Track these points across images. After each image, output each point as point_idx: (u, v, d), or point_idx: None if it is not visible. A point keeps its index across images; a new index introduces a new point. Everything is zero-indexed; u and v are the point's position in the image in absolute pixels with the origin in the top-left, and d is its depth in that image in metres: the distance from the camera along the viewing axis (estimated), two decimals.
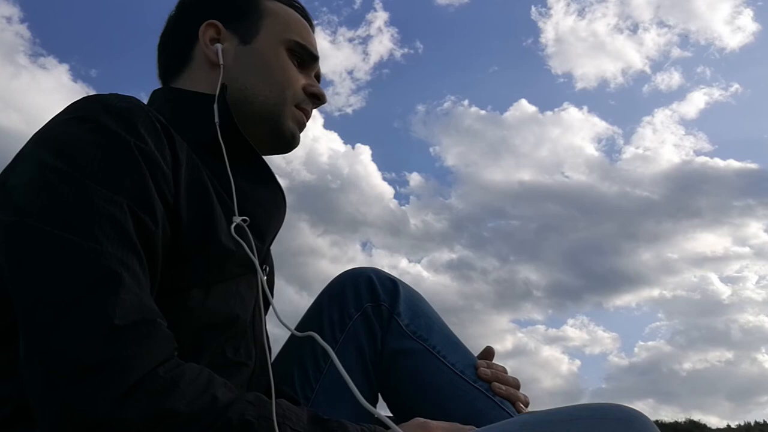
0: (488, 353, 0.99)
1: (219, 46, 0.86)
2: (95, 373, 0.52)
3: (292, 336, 1.02)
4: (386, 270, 1.04)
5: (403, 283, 1.03)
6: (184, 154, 0.71)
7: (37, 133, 0.67)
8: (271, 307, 0.78)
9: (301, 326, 1.02)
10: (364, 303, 0.99)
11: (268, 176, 0.84)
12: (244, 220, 0.75)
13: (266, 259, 0.87)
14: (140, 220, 0.61)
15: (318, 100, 0.92)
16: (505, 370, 0.95)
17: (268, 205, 0.83)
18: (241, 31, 0.87)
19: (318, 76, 0.94)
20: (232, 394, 0.58)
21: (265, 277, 0.82)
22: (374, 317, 0.98)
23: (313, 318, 1.01)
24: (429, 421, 0.71)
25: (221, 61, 0.84)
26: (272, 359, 0.77)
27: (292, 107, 0.88)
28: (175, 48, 0.90)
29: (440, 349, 0.95)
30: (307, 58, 0.91)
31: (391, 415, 0.98)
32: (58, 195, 0.59)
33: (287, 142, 0.90)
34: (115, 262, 0.57)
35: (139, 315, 0.56)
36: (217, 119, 0.79)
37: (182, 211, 0.67)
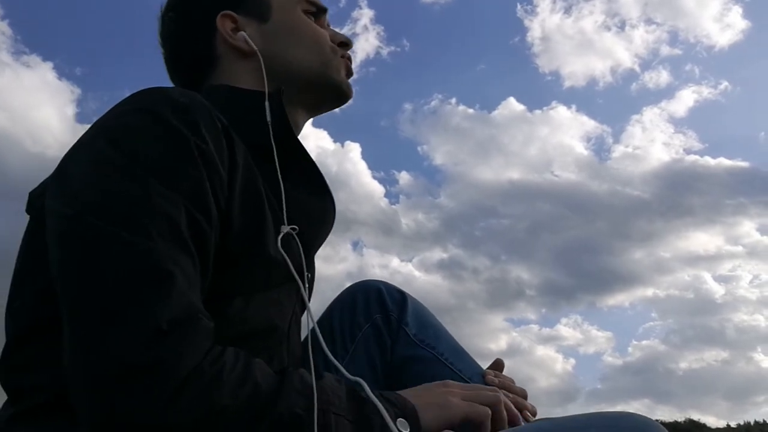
0: (498, 365, 1.01)
1: (243, 33, 0.84)
2: (142, 375, 0.51)
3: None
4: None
5: (410, 295, 1.05)
6: (242, 157, 0.69)
7: (97, 122, 0.66)
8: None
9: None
10: (374, 314, 1.01)
11: (321, 186, 0.83)
12: (293, 229, 0.74)
13: (309, 266, 0.86)
14: (195, 220, 0.60)
15: (347, 46, 0.93)
16: (512, 381, 0.96)
17: (317, 215, 0.82)
18: (255, 11, 0.87)
19: (329, 26, 0.95)
20: (272, 380, 0.57)
21: (308, 285, 0.81)
22: (384, 327, 1.00)
23: (323, 328, 1.02)
24: (449, 381, 0.73)
25: (255, 47, 0.83)
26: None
27: (338, 58, 0.90)
28: (194, 52, 0.87)
29: (448, 356, 0.98)
30: (319, 12, 0.92)
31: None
32: (115, 189, 0.58)
33: (344, 93, 0.91)
34: (168, 262, 0.56)
35: (185, 315, 0.55)
36: (269, 117, 0.78)
37: (234, 217, 0.65)
